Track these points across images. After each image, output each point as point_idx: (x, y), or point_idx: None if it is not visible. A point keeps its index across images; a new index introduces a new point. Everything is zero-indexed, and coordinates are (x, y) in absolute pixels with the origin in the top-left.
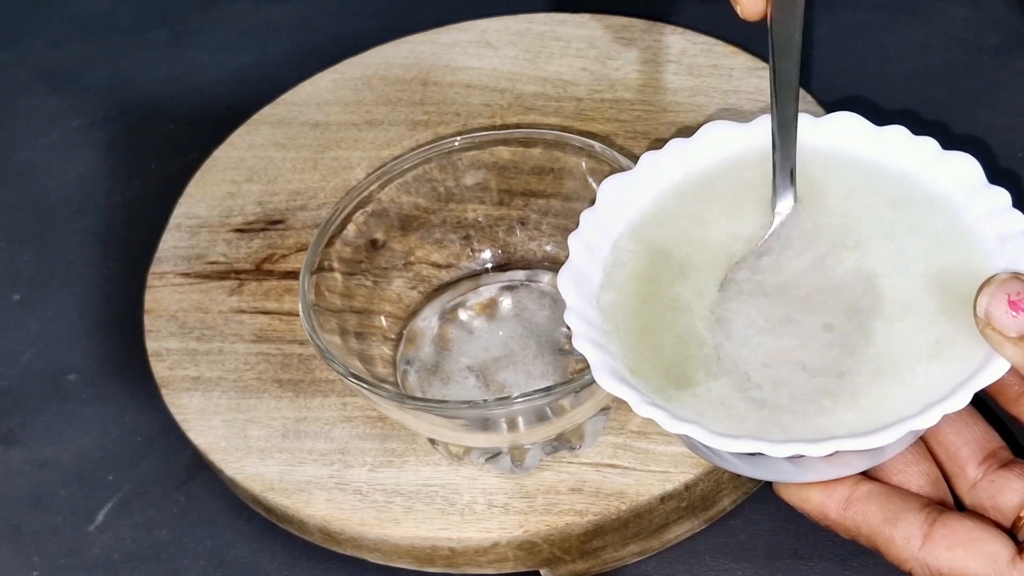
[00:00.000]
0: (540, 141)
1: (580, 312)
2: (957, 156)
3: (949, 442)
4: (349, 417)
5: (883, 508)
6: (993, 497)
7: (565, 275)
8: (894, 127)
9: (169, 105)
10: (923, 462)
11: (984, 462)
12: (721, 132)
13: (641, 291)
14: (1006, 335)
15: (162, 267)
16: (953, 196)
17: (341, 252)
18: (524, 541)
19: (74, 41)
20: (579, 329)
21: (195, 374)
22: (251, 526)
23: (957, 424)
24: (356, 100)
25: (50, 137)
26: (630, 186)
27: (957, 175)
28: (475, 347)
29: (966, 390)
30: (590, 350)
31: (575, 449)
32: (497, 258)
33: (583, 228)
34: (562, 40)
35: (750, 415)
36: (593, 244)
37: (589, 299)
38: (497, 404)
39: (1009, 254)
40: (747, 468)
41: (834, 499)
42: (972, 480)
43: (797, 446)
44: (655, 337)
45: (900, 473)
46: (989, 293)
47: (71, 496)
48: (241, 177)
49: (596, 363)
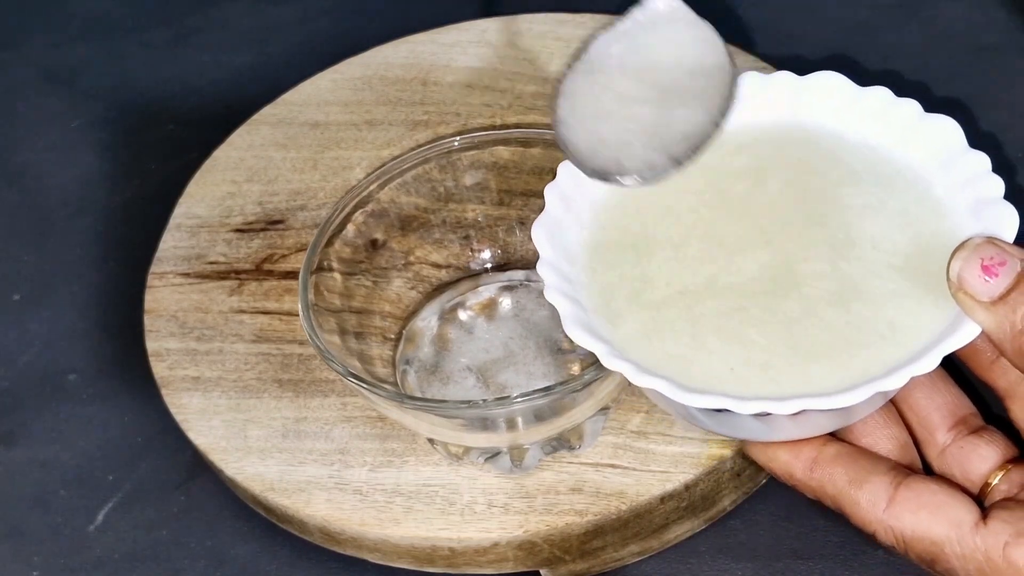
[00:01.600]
0: (540, 141)
1: (553, 264)
2: (937, 120)
3: (920, 407)
4: (349, 417)
5: (849, 470)
6: (962, 463)
7: (539, 226)
8: (876, 88)
9: (169, 105)
10: (893, 426)
11: (954, 428)
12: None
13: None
14: (978, 299)
15: (162, 267)
16: (928, 164)
17: (341, 252)
18: (524, 541)
19: (74, 41)
20: (551, 280)
21: (195, 374)
22: (251, 526)
23: (928, 389)
24: (356, 100)
25: (50, 137)
26: None
27: (935, 140)
28: (474, 347)
29: (935, 353)
30: (561, 301)
31: (575, 449)
32: (497, 258)
33: (560, 181)
34: (562, 40)
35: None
36: (570, 198)
37: (563, 251)
38: (496, 404)
39: (985, 220)
40: (714, 424)
41: (801, 459)
42: (941, 446)
43: (763, 403)
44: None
45: (869, 436)
46: (962, 257)
47: (71, 496)
48: (241, 177)
49: (566, 314)
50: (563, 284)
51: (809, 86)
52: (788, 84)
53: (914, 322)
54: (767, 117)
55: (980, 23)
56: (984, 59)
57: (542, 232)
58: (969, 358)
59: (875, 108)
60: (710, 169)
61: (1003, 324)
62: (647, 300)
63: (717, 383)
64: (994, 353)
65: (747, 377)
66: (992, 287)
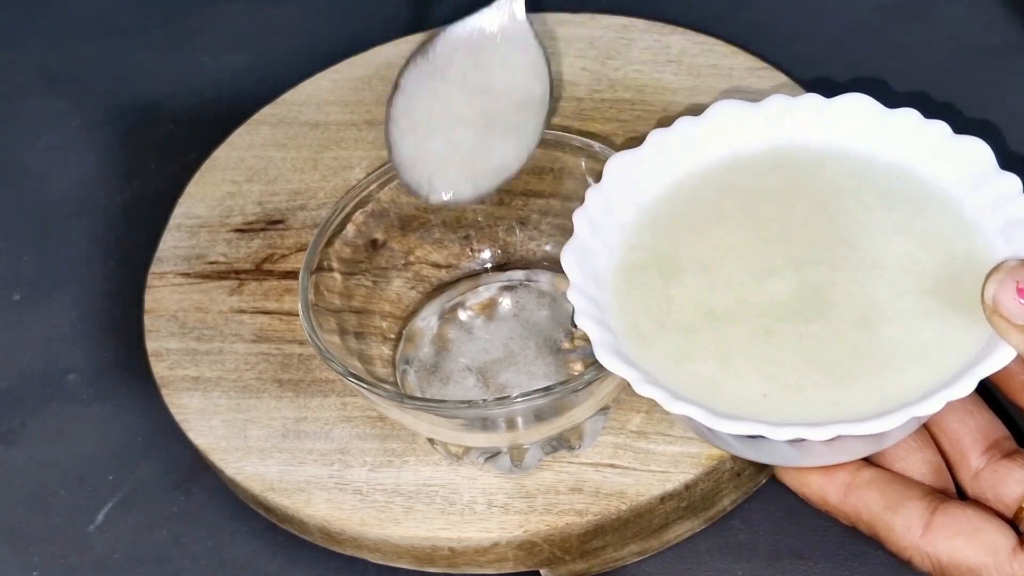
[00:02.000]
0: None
1: (583, 289)
2: (966, 141)
3: (952, 430)
4: (349, 417)
5: (884, 495)
6: (995, 487)
7: (569, 252)
8: (904, 110)
9: (169, 105)
10: (926, 450)
11: (987, 451)
12: (730, 112)
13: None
14: (1013, 322)
15: (162, 267)
16: (958, 185)
17: (340, 252)
18: (524, 541)
19: (74, 41)
20: (581, 306)
21: (195, 374)
22: (251, 526)
23: (961, 412)
24: (356, 100)
25: (50, 137)
26: (636, 165)
27: (965, 161)
28: (474, 347)
29: (971, 377)
30: (592, 327)
31: (574, 449)
32: (497, 258)
33: (589, 206)
34: (562, 40)
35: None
36: (598, 223)
37: (592, 276)
38: (496, 404)
39: (1017, 241)
40: (747, 450)
41: (835, 484)
42: (975, 469)
43: (798, 429)
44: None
45: (902, 460)
46: (997, 280)
47: (71, 496)
48: (241, 177)
49: (597, 341)
50: (593, 309)
51: (837, 108)
52: (816, 106)
53: (946, 345)
54: (796, 139)
55: (980, 23)
56: (984, 59)
57: (571, 258)
58: (1001, 381)
59: (904, 129)
60: (741, 191)
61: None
62: (675, 322)
63: (749, 408)
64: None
65: (780, 402)
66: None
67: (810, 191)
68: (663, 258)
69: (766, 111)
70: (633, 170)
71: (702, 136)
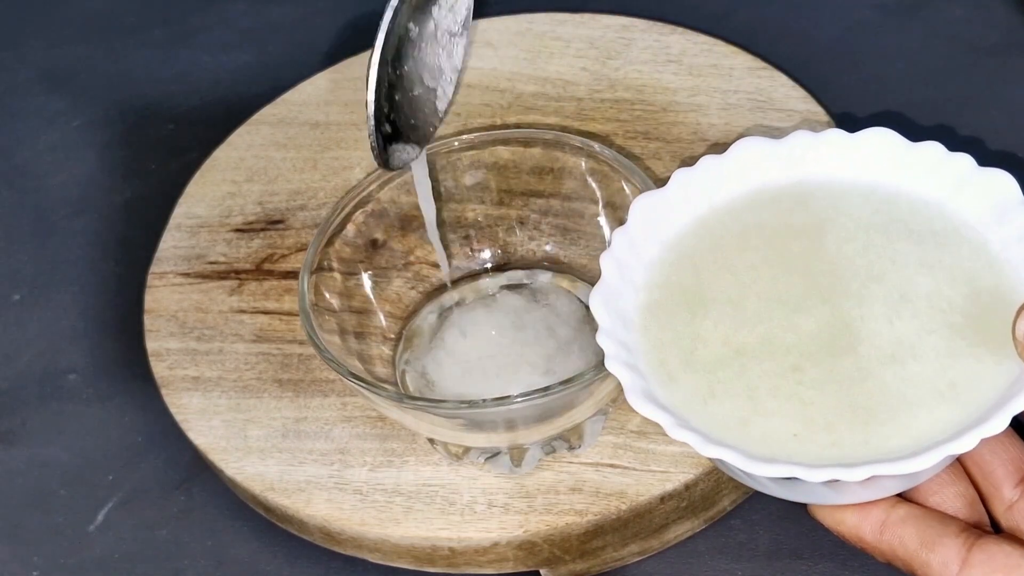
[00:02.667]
0: (539, 141)
1: (612, 333)
2: (991, 174)
3: (984, 462)
4: (349, 417)
5: (920, 532)
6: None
7: (597, 295)
8: (929, 143)
9: (169, 105)
10: (959, 483)
11: (1021, 483)
12: (754, 148)
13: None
14: None
15: (162, 267)
16: (984, 219)
17: (340, 252)
18: (524, 541)
19: (74, 41)
20: (611, 351)
21: (195, 374)
22: (251, 526)
23: (993, 444)
24: (356, 100)
25: (50, 137)
26: (661, 205)
27: (990, 194)
28: (474, 347)
29: (1004, 413)
30: (623, 372)
31: (574, 449)
32: (496, 258)
33: (615, 247)
34: (562, 40)
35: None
36: (625, 264)
37: (620, 318)
38: (496, 404)
39: None
40: (781, 491)
41: (870, 522)
42: (1008, 502)
43: (833, 471)
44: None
45: (936, 495)
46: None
47: (71, 496)
48: (241, 177)
49: (629, 385)
50: (622, 353)
51: (860, 143)
52: (839, 141)
53: (976, 381)
54: (820, 174)
55: (980, 23)
56: (984, 59)
57: (599, 301)
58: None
59: (928, 163)
60: (766, 226)
61: None
62: (702, 360)
63: (780, 449)
64: None
65: (810, 442)
66: None
67: (834, 226)
68: (689, 293)
69: (789, 147)
70: (657, 210)
71: (726, 173)
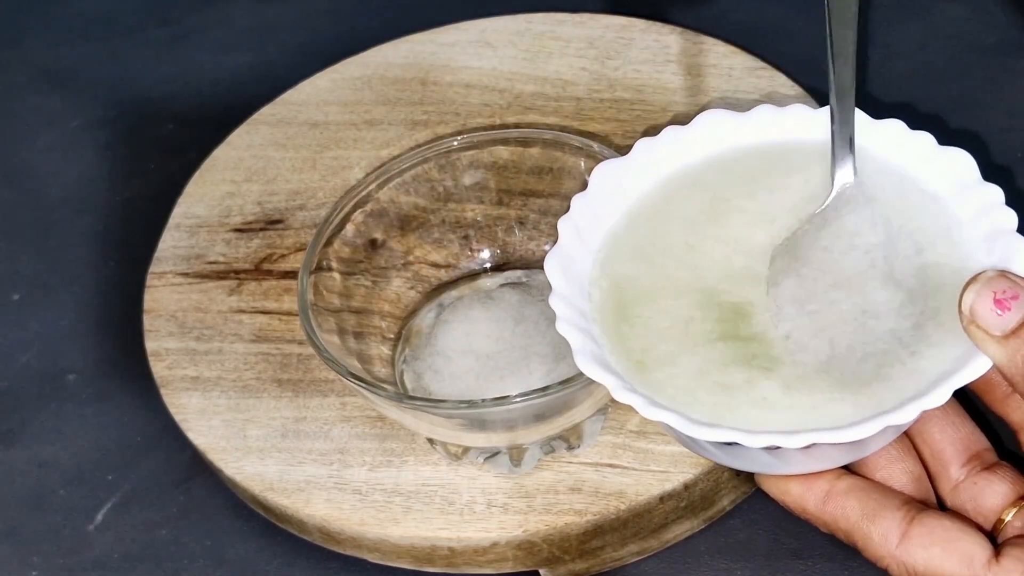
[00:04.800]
0: (539, 141)
1: (566, 296)
2: (952, 152)
3: (934, 441)
4: (348, 417)
5: (862, 504)
6: (975, 499)
7: (553, 259)
8: (891, 121)
9: (169, 105)
10: (907, 460)
11: (968, 463)
12: (717, 121)
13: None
14: (990, 333)
15: (161, 267)
16: (941, 195)
17: (340, 252)
18: (523, 541)
19: (74, 41)
20: (563, 313)
21: (194, 374)
22: (250, 526)
23: (943, 423)
24: (355, 100)
25: (50, 137)
26: (624, 173)
27: (950, 171)
28: (473, 347)
29: (946, 387)
30: (573, 334)
31: (573, 448)
32: (496, 258)
33: (573, 213)
34: (561, 40)
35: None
36: (584, 230)
37: (576, 284)
38: (495, 404)
39: (998, 252)
40: (726, 458)
41: (814, 492)
42: (955, 481)
43: (773, 437)
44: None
45: (883, 469)
46: (975, 290)
47: (71, 496)
48: (240, 177)
49: (578, 348)
50: (575, 317)
51: (824, 119)
52: (803, 116)
53: (923, 355)
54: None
55: (980, 23)
56: (984, 59)
57: (555, 265)
58: (984, 392)
59: (889, 140)
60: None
61: (1015, 358)
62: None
63: (729, 415)
64: (1009, 387)
65: (756, 408)
66: (1004, 321)
67: (794, 189)
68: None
69: (753, 120)
70: (619, 176)
71: (689, 142)
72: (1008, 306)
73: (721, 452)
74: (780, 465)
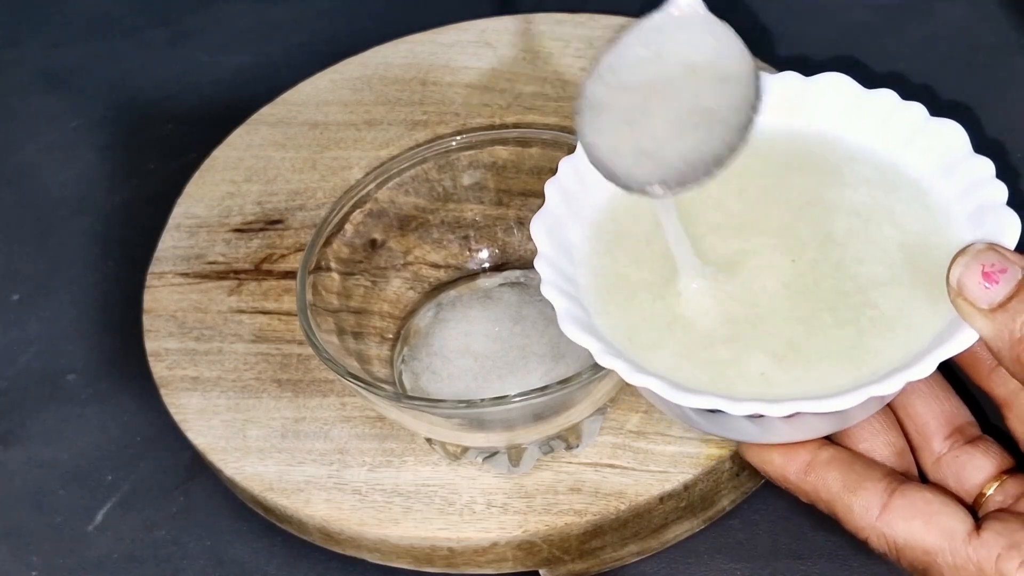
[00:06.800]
0: (538, 141)
1: (551, 260)
2: (942, 124)
3: (917, 414)
4: (348, 417)
5: (844, 475)
6: (957, 473)
7: (538, 221)
8: (882, 91)
9: (168, 105)
10: (890, 432)
11: (951, 437)
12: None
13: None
14: (977, 306)
15: (161, 267)
16: (931, 168)
17: (339, 252)
18: (523, 541)
19: (74, 41)
20: (548, 276)
21: (194, 374)
22: (250, 526)
23: (926, 397)
24: (355, 100)
25: (50, 137)
26: None
27: (940, 144)
28: (472, 347)
29: (931, 359)
30: (557, 297)
31: (572, 448)
32: (495, 258)
33: (561, 176)
34: (561, 40)
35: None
36: (571, 195)
37: (563, 248)
38: (494, 404)
39: (987, 226)
40: (708, 425)
41: (795, 462)
42: (937, 454)
43: (756, 405)
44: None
45: (866, 441)
46: (963, 263)
47: (70, 496)
48: (240, 177)
49: (561, 311)
50: (560, 280)
51: (814, 87)
52: (793, 84)
53: (910, 327)
54: (771, 117)
55: (980, 23)
56: (984, 59)
57: (541, 228)
58: (969, 366)
59: (880, 111)
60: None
61: (1002, 332)
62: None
63: (710, 383)
64: (994, 361)
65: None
66: (992, 294)
67: (778, 173)
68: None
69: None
70: None
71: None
72: (996, 279)
73: (704, 419)
74: (763, 434)
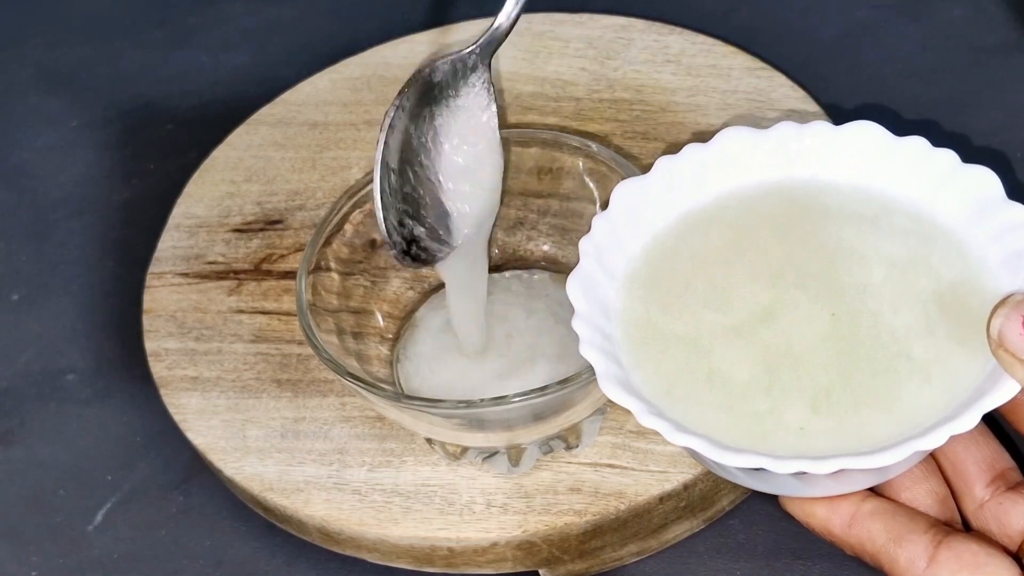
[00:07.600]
0: (538, 141)
1: (588, 318)
2: (974, 171)
3: (958, 460)
4: (348, 417)
5: (888, 527)
6: (999, 519)
7: (575, 280)
8: (913, 138)
9: (168, 105)
10: (932, 479)
11: (993, 483)
12: (737, 139)
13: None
14: (1019, 356)
15: (161, 267)
16: (964, 216)
17: (339, 252)
18: (523, 541)
19: (74, 41)
20: (586, 336)
21: (194, 374)
22: (250, 526)
23: (966, 442)
24: (355, 100)
25: (49, 137)
26: (644, 194)
27: (972, 191)
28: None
29: (974, 411)
30: (597, 357)
31: (572, 448)
32: (495, 258)
33: (595, 234)
34: (561, 40)
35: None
36: (605, 251)
37: (598, 306)
38: (493, 404)
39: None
40: (752, 481)
41: (839, 515)
42: (979, 501)
43: (800, 463)
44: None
45: (908, 490)
46: (1003, 314)
47: (70, 496)
48: (240, 177)
49: (602, 371)
50: (598, 338)
51: (844, 136)
52: (823, 134)
53: (949, 378)
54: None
55: (980, 23)
56: (984, 59)
57: (577, 286)
58: (1009, 412)
59: (911, 159)
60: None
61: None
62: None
63: (753, 440)
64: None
65: (782, 434)
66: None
67: (812, 222)
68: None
69: (774, 138)
70: (640, 198)
71: (710, 163)
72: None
73: (747, 476)
74: (806, 488)
